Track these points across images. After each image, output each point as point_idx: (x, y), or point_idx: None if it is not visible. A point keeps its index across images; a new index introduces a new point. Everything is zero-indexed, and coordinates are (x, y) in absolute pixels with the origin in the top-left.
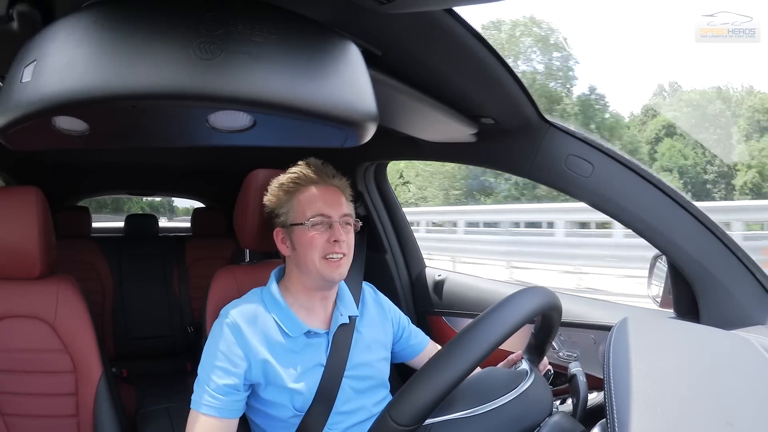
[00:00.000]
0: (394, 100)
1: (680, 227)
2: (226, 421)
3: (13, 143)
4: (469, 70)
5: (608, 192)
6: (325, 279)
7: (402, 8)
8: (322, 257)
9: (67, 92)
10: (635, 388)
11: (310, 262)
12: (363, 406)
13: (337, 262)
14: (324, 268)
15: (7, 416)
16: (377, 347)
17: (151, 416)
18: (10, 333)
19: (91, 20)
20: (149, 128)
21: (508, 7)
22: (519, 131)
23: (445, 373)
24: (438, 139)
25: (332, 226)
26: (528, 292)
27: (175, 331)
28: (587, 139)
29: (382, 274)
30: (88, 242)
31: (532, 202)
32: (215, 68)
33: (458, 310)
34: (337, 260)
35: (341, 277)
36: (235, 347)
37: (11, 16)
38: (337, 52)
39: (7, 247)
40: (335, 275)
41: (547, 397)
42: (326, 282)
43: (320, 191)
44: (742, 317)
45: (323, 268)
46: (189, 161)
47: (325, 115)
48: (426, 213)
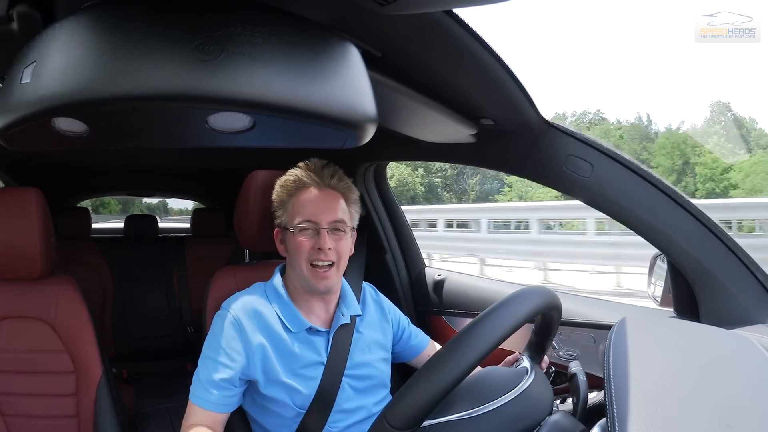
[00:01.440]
0: (394, 101)
1: (680, 226)
2: (216, 415)
3: (13, 144)
4: (469, 71)
5: (608, 192)
6: (311, 287)
7: (402, 10)
8: (308, 264)
9: (67, 93)
10: (635, 387)
11: (299, 267)
12: (363, 405)
13: (324, 272)
14: (310, 277)
15: (8, 416)
16: (376, 348)
17: (151, 416)
18: (10, 333)
19: (91, 21)
20: (149, 129)
21: (508, 7)
22: (518, 132)
23: (441, 376)
24: (438, 140)
25: (319, 232)
26: (528, 292)
27: (175, 331)
28: (587, 140)
29: (382, 275)
30: (88, 243)
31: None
32: (215, 69)
33: (458, 309)
34: (323, 269)
35: (327, 288)
36: (234, 342)
37: (11, 17)
38: (337, 53)
39: (7, 248)
40: (320, 286)
41: (547, 396)
42: (313, 290)
43: (316, 195)
44: (742, 316)
45: (310, 277)
46: (189, 162)
47: (325, 116)
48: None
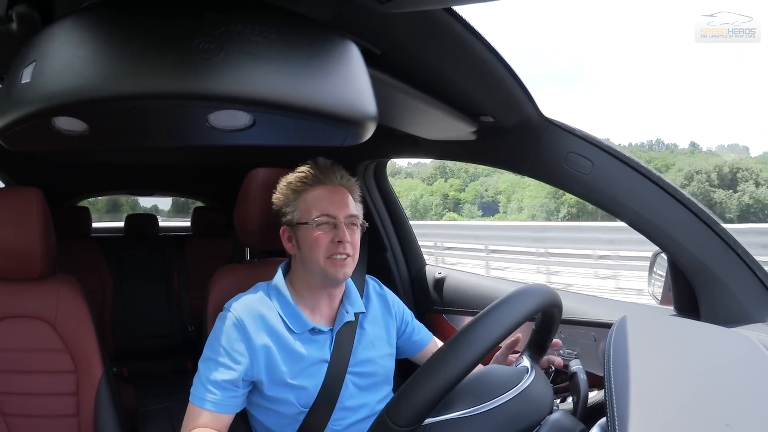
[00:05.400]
0: (394, 98)
1: (680, 224)
2: (221, 416)
3: (13, 144)
4: (469, 68)
5: (608, 189)
6: (329, 278)
7: (401, 7)
8: (326, 257)
9: (67, 93)
10: (635, 386)
11: (315, 262)
12: (366, 402)
13: (342, 261)
14: (329, 267)
15: (8, 416)
16: (381, 344)
17: (151, 416)
18: (11, 333)
19: (91, 21)
20: (149, 128)
21: (507, 6)
22: (519, 129)
23: (444, 373)
24: (438, 138)
25: (337, 226)
26: (528, 290)
27: (175, 331)
28: (587, 137)
29: (382, 272)
30: (88, 242)
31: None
32: (215, 68)
33: (458, 307)
34: (341, 260)
35: (345, 276)
36: (237, 343)
37: (11, 17)
38: (337, 51)
39: (7, 248)
40: (339, 274)
41: (547, 395)
42: (330, 281)
43: (327, 191)
44: (743, 315)
45: (328, 267)
46: (189, 161)
47: (325, 114)
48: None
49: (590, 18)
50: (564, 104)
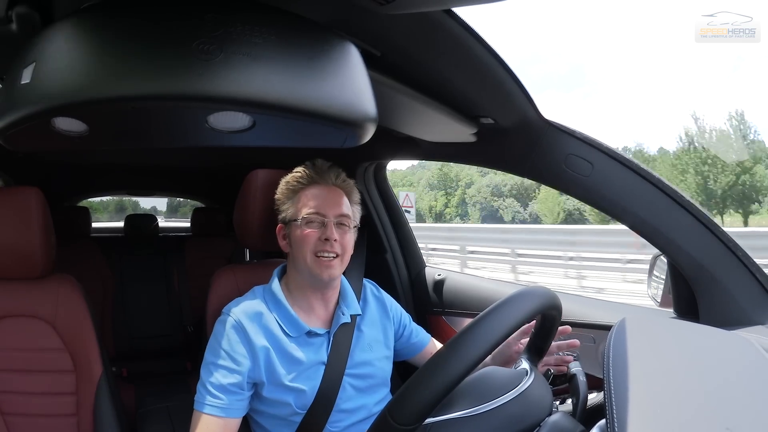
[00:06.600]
0: (394, 100)
1: (680, 227)
2: (230, 421)
3: (13, 144)
4: (469, 70)
5: (608, 191)
6: (315, 277)
7: (401, 9)
8: (313, 255)
9: (67, 93)
10: (635, 388)
11: (302, 259)
12: (364, 404)
13: (327, 262)
14: (315, 266)
15: (7, 415)
16: (378, 346)
17: (151, 416)
18: (10, 332)
19: (90, 22)
20: (149, 129)
21: (506, 10)
22: (518, 131)
23: (445, 372)
24: (438, 139)
25: (326, 224)
26: (528, 292)
27: (175, 331)
28: (587, 139)
29: (381, 274)
30: (88, 242)
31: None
32: (215, 69)
33: (458, 309)
34: (328, 260)
35: (331, 278)
36: (239, 346)
37: (10, 18)
38: (337, 52)
39: (7, 248)
40: (324, 275)
41: (546, 396)
42: (317, 281)
43: (321, 191)
44: (742, 317)
45: (314, 266)
46: (189, 162)
47: (325, 115)
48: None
49: (589, 20)
50: (564, 108)
